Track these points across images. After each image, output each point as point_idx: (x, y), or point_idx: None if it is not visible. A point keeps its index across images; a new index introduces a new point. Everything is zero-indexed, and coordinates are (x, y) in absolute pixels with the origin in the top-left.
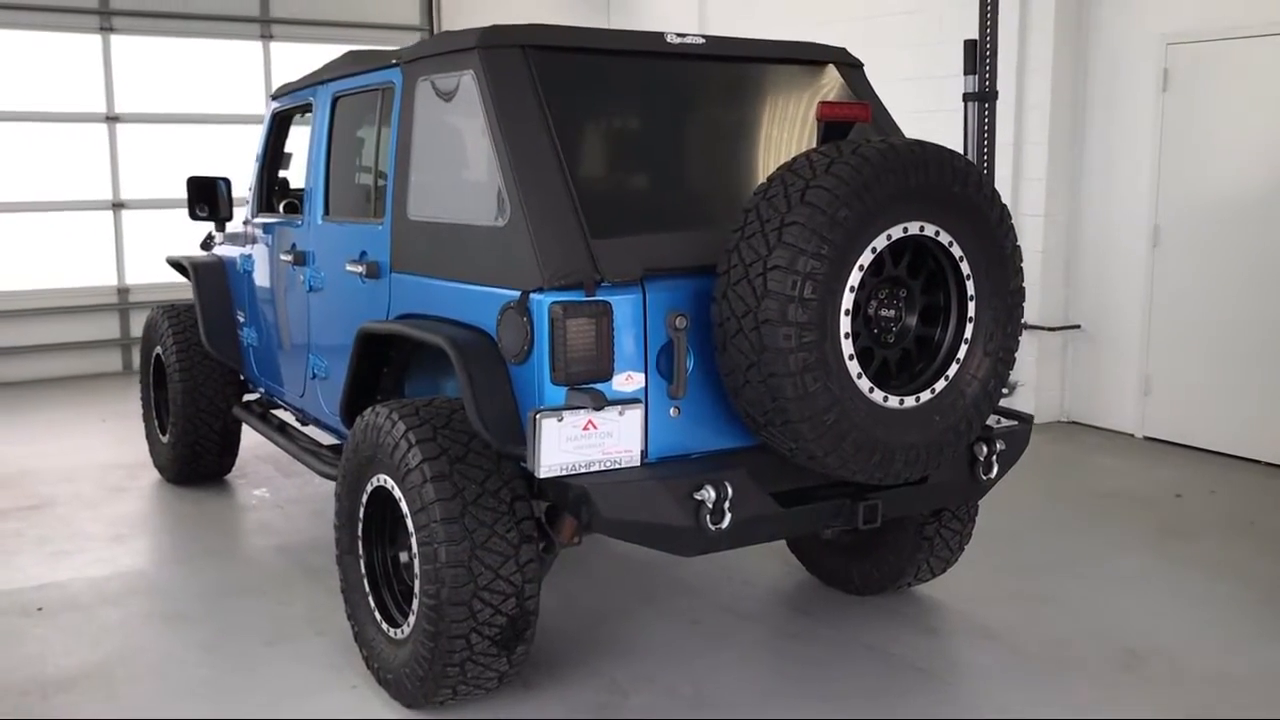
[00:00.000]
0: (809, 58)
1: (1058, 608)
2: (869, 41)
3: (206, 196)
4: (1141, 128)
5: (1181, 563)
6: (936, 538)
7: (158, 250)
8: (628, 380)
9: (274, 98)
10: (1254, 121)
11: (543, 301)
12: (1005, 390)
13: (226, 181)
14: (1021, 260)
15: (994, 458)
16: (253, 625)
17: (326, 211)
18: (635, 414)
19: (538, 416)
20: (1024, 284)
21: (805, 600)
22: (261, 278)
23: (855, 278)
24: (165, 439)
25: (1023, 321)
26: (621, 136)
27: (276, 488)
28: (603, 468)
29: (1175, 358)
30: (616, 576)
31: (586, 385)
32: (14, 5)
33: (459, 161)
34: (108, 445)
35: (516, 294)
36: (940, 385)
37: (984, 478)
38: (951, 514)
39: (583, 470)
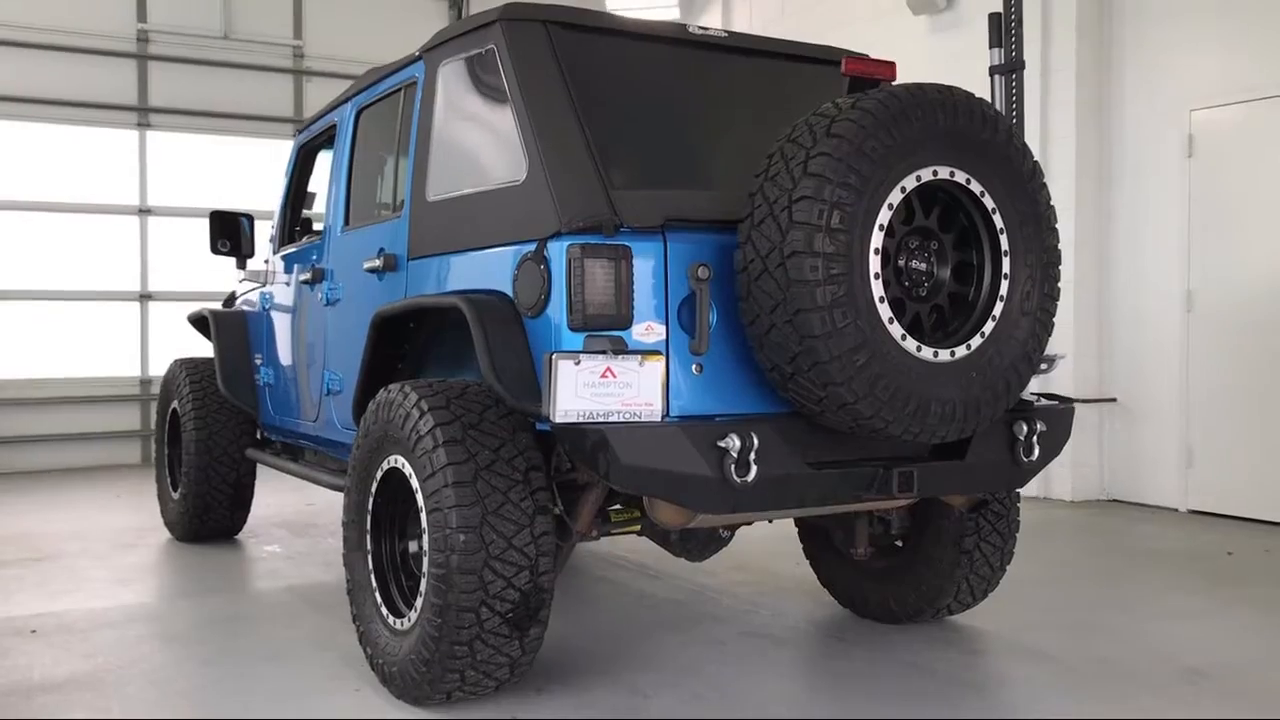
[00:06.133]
0: (835, 60)
1: (1110, 634)
2: None
3: (229, 232)
4: (1169, 194)
5: (1236, 603)
6: (976, 551)
7: (182, 343)
8: (648, 331)
9: (298, 131)
10: None
11: (560, 245)
12: (1044, 366)
13: (249, 218)
14: (1056, 220)
15: (1035, 439)
16: (255, 645)
17: (347, 223)
18: (656, 365)
19: (553, 357)
20: (1059, 244)
21: (839, 628)
22: (280, 310)
23: (884, 216)
24: (176, 495)
25: (1059, 285)
26: (641, 111)
27: (288, 544)
28: (621, 420)
29: (1217, 426)
30: (637, 608)
31: (605, 332)
32: (59, 101)
33: (479, 132)
34: (120, 514)
35: (533, 244)
36: (976, 341)
37: (1025, 460)
38: (991, 526)
39: (600, 421)
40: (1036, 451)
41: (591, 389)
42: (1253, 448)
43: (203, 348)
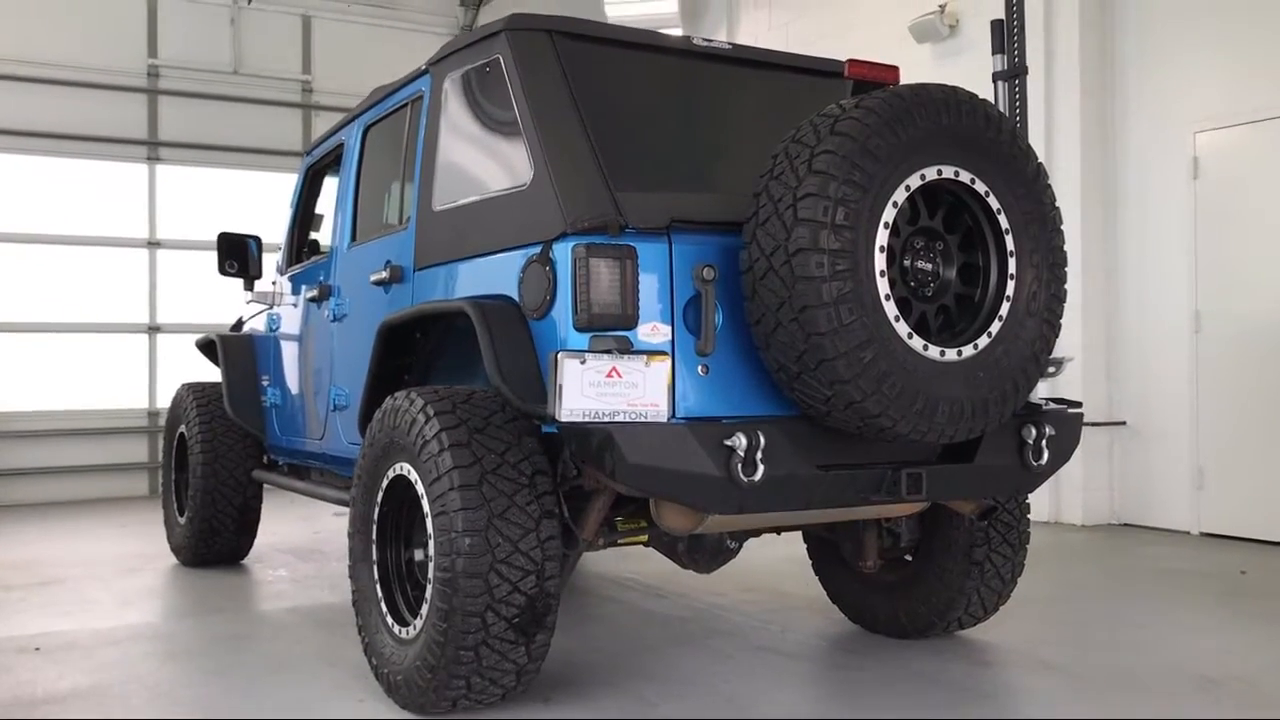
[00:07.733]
0: (837, 70)
1: (1121, 647)
2: None
3: (237, 254)
4: (1175, 216)
5: (1250, 618)
6: (986, 562)
7: (190, 375)
8: (653, 331)
9: (306, 153)
10: None
11: (565, 246)
12: (1052, 369)
13: (257, 240)
14: (1061, 221)
15: (1044, 443)
16: (259, 661)
17: (354, 239)
18: (662, 366)
19: (559, 355)
20: (1064, 245)
21: (848, 641)
22: (286, 330)
23: (889, 214)
24: (183, 519)
25: (1066, 286)
26: (646, 118)
27: (294, 569)
28: (627, 419)
29: (1228, 447)
30: (644, 624)
31: (610, 332)
32: (70, 135)
33: (485, 140)
34: (126, 542)
35: (539, 247)
36: (983, 341)
37: (1034, 464)
38: (1001, 537)
39: (606, 420)
40: (1046, 455)
41: (597, 388)
42: (1264, 469)
43: (210, 376)
